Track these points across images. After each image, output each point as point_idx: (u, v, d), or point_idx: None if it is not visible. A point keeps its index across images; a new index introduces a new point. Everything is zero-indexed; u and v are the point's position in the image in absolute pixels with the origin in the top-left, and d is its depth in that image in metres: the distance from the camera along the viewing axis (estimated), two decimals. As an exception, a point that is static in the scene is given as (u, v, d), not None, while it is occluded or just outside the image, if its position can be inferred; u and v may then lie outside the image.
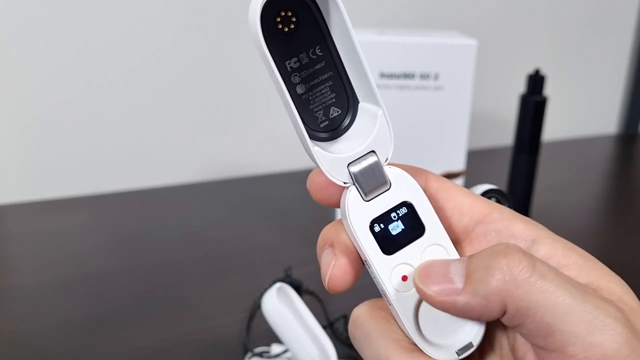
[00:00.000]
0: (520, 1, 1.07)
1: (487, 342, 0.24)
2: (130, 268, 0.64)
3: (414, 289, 0.22)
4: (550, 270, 0.20)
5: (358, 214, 0.22)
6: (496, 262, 0.20)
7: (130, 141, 0.87)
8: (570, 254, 0.22)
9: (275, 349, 0.49)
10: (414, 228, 0.23)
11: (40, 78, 0.79)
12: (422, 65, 0.60)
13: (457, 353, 0.22)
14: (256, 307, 0.56)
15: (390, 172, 0.23)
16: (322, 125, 0.22)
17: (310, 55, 0.21)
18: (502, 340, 0.24)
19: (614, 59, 1.22)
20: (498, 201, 0.26)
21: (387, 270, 0.23)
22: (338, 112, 0.22)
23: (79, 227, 0.73)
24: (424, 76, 0.60)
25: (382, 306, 0.25)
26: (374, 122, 0.22)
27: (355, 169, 0.22)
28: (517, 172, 0.66)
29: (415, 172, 0.24)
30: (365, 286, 0.65)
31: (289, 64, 0.21)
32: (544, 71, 0.64)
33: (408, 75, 0.60)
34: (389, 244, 0.22)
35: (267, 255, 0.67)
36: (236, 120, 0.92)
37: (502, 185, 0.68)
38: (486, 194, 0.27)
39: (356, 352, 0.51)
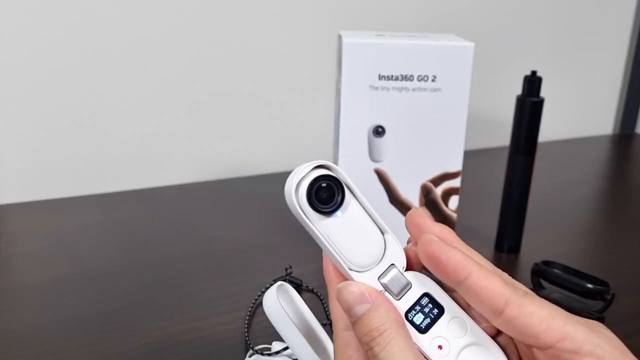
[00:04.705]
0: (517, 4, 1.08)
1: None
2: (132, 266, 0.64)
3: (449, 355, 0.29)
4: None
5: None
6: None
7: (133, 142, 0.87)
8: None
9: (276, 346, 0.49)
10: (437, 309, 0.30)
11: (45, 79, 0.80)
12: (420, 67, 0.60)
13: None
14: (257, 305, 0.57)
15: (409, 275, 0.30)
16: None
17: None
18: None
19: (610, 60, 1.23)
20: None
21: (427, 344, 0.29)
22: None
23: (82, 226, 0.73)
24: (422, 78, 0.61)
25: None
26: (387, 244, 0.30)
27: (384, 280, 0.30)
28: (514, 173, 0.67)
29: (458, 267, 0.28)
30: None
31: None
32: (541, 73, 0.65)
33: (406, 77, 0.60)
34: (422, 326, 0.29)
35: (267, 254, 0.68)
36: (238, 120, 0.93)
37: (499, 185, 0.69)
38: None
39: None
